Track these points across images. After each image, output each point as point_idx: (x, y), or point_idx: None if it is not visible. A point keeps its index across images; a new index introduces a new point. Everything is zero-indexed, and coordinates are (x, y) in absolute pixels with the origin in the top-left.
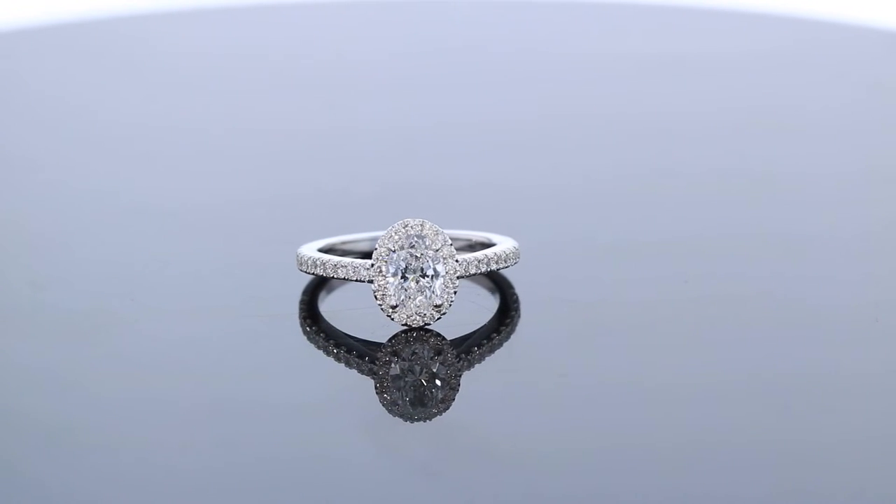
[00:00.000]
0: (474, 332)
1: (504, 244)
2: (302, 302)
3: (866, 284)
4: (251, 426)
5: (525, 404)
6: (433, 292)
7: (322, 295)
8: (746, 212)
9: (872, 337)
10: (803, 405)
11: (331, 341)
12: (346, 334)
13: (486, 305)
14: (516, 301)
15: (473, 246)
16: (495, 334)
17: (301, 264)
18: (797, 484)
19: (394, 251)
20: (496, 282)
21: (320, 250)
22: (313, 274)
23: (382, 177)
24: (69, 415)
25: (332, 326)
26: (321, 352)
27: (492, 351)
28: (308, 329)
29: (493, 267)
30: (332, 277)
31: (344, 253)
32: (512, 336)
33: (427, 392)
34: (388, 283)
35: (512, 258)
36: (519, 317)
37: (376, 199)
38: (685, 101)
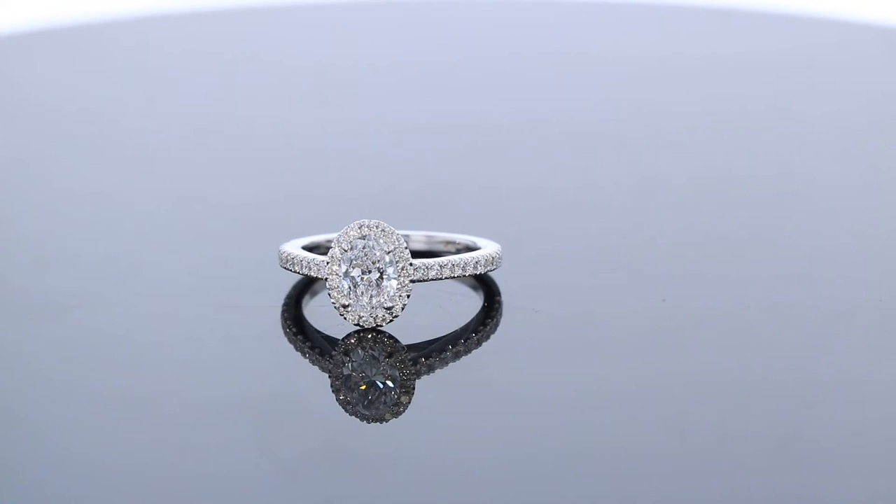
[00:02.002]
0: (442, 337)
1: (482, 250)
2: (288, 296)
3: (872, 287)
4: (196, 417)
5: (468, 413)
6: (384, 294)
7: (310, 290)
8: (747, 215)
9: (870, 339)
10: (784, 416)
11: (299, 336)
12: (316, 330)
13: (452, 312)
14: (496, 309)
15: (459, 250)
16: (462, 340)
17: (278, 259)
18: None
19: (347, 251)
20: (485, 287)
21: (305, 247)
22: (286, 269)
23: (384, 178)
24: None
25: (307, 322)
26: (291, 346)
27: (457, 357)
28: (284, 324)
29: (458, 273)
30: (297, 273)
31: (327, 251)
32: (483, 344)
33: (374, 394)
34: (340, 281)
35: (482, 265)
36: (496, 325)
37: (380, 200)
38: (685, 103)
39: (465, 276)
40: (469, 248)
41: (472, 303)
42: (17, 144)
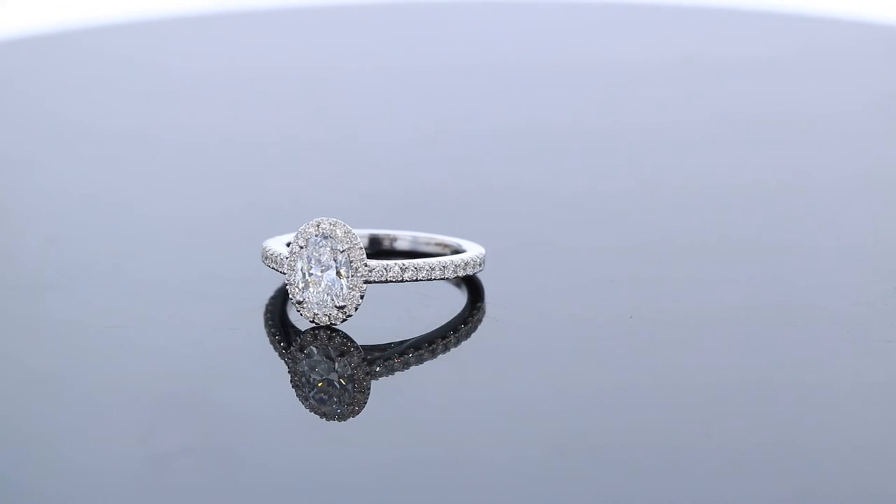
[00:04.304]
0: (409, 340)
1: (456, 255)
2: (278, 290)
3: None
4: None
5: (422, 416)
6: (337, 293)
7: None
8: (748, 216)
9: (868, 342)
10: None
11: (273, 331)
12: (293, 326)
13: (414, 315)
14: (474, 315)
15: (456, 252)
16: (427, 344)
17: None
18: None
19: (303, 247)
20: (471, 292)
21: (289, 243)
22: (264, 263)
23: (384, 179)
24: None
25: (288, 318)
26: (267, 339)
27: (420, 361)
28: (265, 319)
29: (422, 276)
30: (269, 268)
31: None
32: (451, 349)
33: (330, 393)
34: (296, 278)
35: (450, 270)
36: (470, 330)
37: (380, 201)
38: (687, 106)
39: (430, 280)
40: (456, 251)
41: (450, 307)
42: (16, 145)
